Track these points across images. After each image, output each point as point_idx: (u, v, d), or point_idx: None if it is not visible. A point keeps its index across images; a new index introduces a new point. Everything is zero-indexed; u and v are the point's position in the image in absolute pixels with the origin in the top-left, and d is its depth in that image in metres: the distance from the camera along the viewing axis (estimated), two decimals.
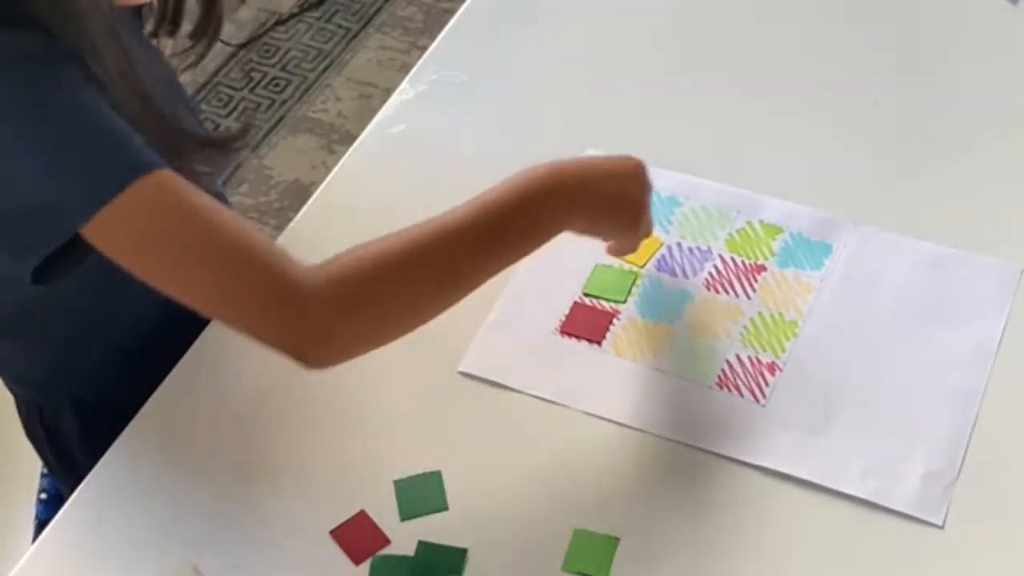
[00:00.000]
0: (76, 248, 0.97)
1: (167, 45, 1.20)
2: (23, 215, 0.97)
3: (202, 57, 1.20)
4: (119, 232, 0.96)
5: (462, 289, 1.04)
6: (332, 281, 0.98)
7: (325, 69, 2.67)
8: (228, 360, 1.17)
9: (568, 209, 1.06)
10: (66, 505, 1.09)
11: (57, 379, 1.23)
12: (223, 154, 1.12)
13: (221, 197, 1.26)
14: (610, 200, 1.09)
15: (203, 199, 0.98)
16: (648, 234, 1.14)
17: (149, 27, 1.17)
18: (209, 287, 0.98)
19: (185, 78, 1.31)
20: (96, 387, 1.22)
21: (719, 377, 1.13)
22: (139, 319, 1.18)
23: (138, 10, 1.14)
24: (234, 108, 2.60)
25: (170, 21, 1.18)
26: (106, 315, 1.17)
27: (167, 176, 0.96)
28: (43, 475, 1.34)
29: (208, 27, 1.18)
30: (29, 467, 1.35)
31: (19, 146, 0.95)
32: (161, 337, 1.17)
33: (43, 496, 1.33)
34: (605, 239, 1.14)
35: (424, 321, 1.03)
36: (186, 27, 1.19)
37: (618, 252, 1.17)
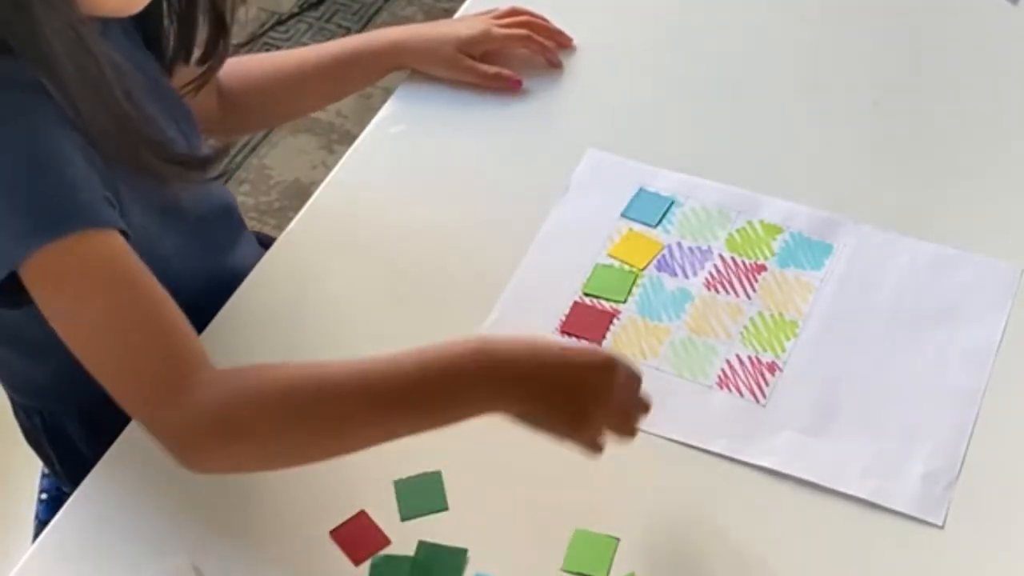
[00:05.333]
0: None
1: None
2: None
3: (202, 86, 1.20)
4: (41, 281, 0.96)
5: (355, 446, 0.98)
6: (222, 402, 0.95)
7: None
8: (228, 361, 1.16)
9: (498, 394, 0.97)
10: (66, 505, 1.09)
11: (61, 387, 1.22)
12: (198, 172, 1.11)
13: (224, 206, 1.25)
14: (557, 392, 0.97)
15: (135, 272, 0.97)
16: (633, 433, 1.02)
17: (164, 59, 1.18)
18: (109, 358, 0.97)
19: None
20: (99, 396, 1.22)
21: (719, 377, 1.13)
22: None
23: (131, 21, 1.14)
24: None
25: (184, 48, 1.18)
26: None
27: (103, 238, 0.96)
28: (43, 475, 1.34)
29: (216, 53, 1.18)
30: (28, 468, 1.35)
31: None
32: None
33: (43, 496, 1.33)
34: (551, 435, 0.99)
35: (304, 463, 0.99)
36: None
37: (583, 446, 1.01)
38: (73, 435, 1.25)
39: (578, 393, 0.97)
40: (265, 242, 1.37)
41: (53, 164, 0.96)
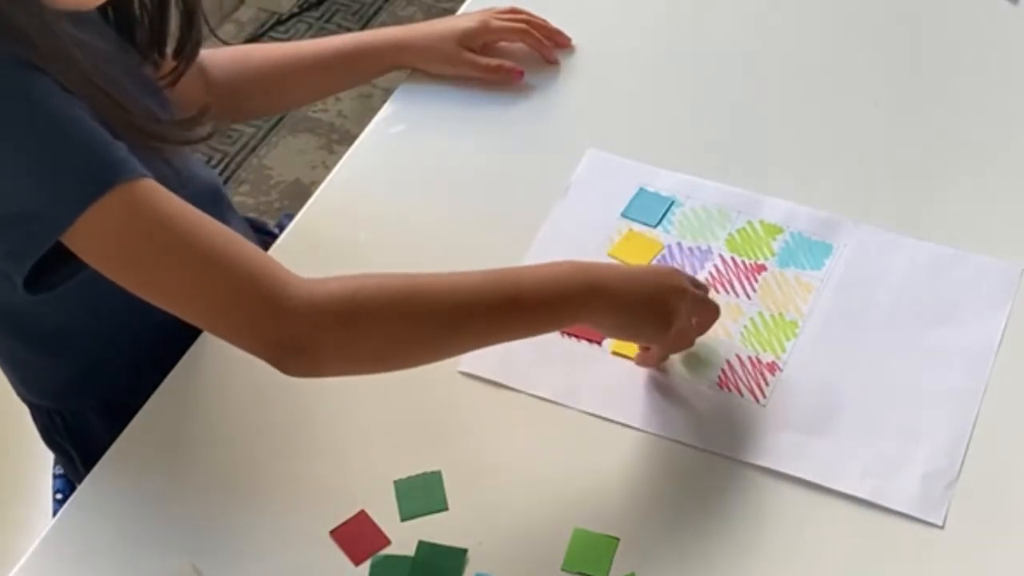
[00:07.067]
0: (68, 255, 0.98)
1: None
2: (7, 224, 0.97)
3: (180, 76, 1.20)
4: (98, 240, 0.97)
5: (463, 348, 1.06)
6: (336, 292, 0.99)
7: None
8: (227, 360, 1.16)
9: (600, 308, 1.05)
10: (65, 506, 1.09)
11: (81, 382, 1.22)
12: (182, 133, 1.11)
13: (214, 189, 1.25)
14: (644, 300, 1.07)
15: (182, 207, 0.98)
16: (689, 346, 1.13)
17: (140, 51, 1.18)
18: (190, 292, 0.98)
19: None
20: (123, 386, 1.21)
21: (719, 377, 1.13)
22: (163, 313, 1.18)
23: (102, 14, 1.14)
24: None
25: (156, 43, 1.18)
26: (128, 312, 1.15)
27: (145, 185, 0.97)
28: (56, 476, 1.34)
29: (187, 46, 1.18)
30: (40, 468, 1.35)
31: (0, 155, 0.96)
32: (188, 328, 1.16)
33: (58, 496, 1.32)
34: (636, 340, 1.12)
35: (413, 365, 1.04)
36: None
37: (647, 360, 1.13)
38: (96, 429, 1.24)
39: (663, 293, 1.07)
40: (257, 226, 1.37)
41: (81, 127, 0.97)
